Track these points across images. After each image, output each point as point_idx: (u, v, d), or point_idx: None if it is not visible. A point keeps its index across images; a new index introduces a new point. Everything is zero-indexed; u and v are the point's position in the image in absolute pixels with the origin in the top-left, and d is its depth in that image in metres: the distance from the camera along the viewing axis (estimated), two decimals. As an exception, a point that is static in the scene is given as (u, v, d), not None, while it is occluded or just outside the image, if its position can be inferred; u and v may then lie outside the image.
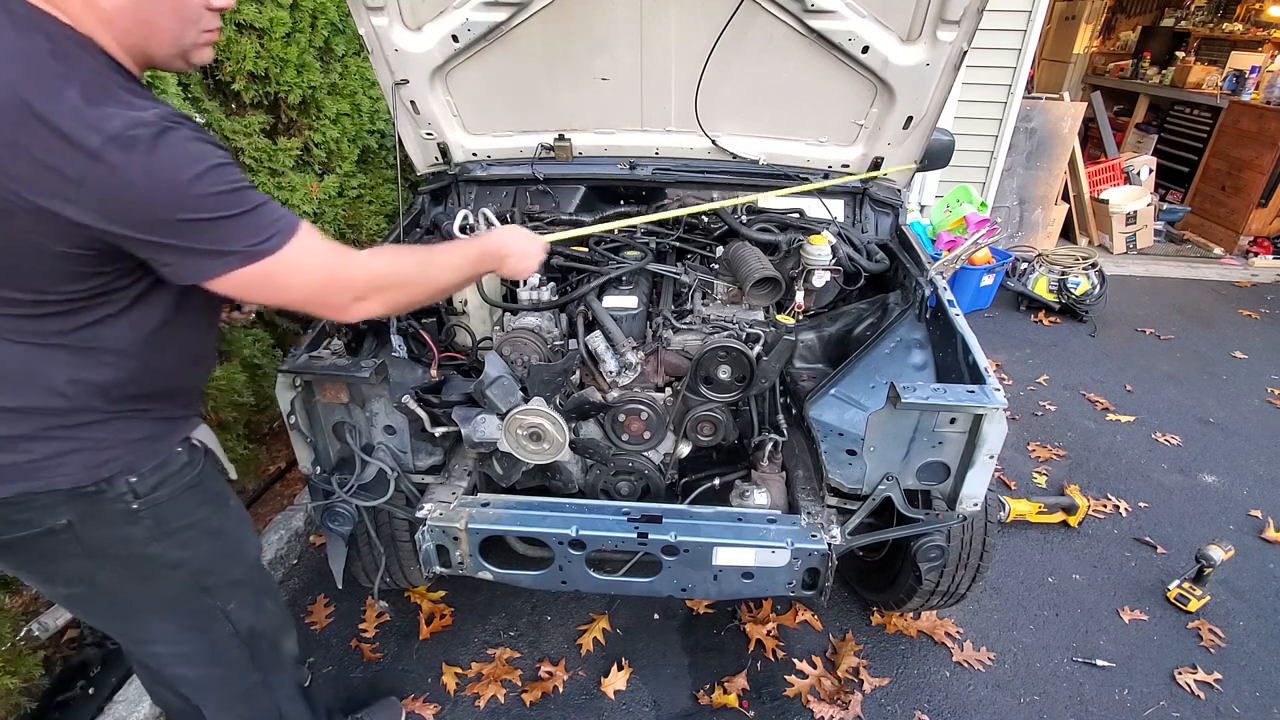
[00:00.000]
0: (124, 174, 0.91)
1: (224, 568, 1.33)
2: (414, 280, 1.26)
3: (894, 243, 2.39)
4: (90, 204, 0.92)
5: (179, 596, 1.29)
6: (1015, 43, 4.61)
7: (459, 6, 2.04)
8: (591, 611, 2.40)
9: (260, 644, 1.43)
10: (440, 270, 1.33)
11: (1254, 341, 4.48)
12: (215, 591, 1.31)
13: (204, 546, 1.28)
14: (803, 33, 2.04)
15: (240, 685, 1.44)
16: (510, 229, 1.63)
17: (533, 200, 2.47)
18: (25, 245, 0.96)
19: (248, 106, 2.66)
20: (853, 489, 1.66)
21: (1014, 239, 5.70)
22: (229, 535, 1.35)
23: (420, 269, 1.29)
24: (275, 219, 1.03)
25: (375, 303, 1.18)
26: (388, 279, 1.20)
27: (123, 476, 1.13)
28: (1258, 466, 3.27)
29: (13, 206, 0.92)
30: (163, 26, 1.02)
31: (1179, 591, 2.48)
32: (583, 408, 1.88)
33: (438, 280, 1.32)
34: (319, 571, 2.58)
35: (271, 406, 2.69)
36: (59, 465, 1.08)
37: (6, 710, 1.82)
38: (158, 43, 1.04)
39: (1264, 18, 6.93)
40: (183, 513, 1.23)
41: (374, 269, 1.17)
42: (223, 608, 1.33)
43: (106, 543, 1.17)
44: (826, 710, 2.08)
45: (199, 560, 1.28)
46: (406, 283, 1.24)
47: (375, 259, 1.19)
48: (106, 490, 1.13)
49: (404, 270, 1.25)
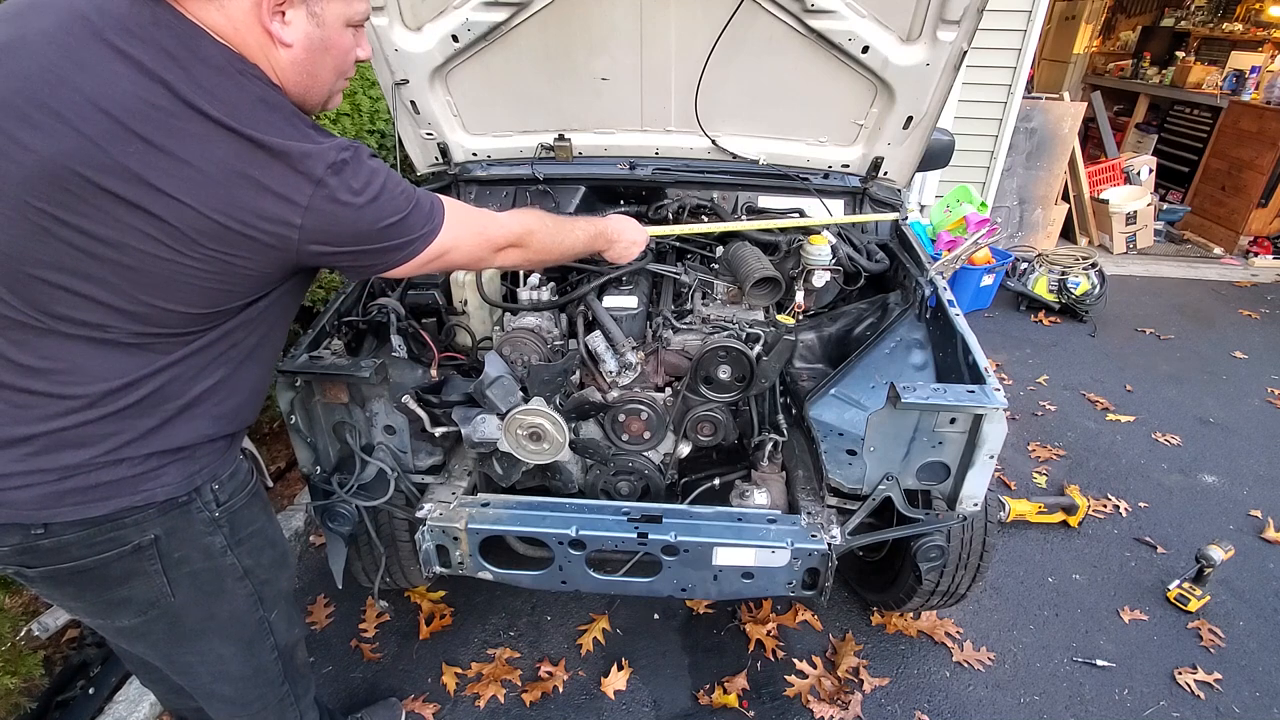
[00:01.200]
0: (342, 198, 1.01)
1: (275, 577, 1.35)
2: (544, 244, 1.44)
3: (894, 243, 2.39)
4: (312, 228, 1.01)
5: (240, 611, 1.30)
6: (1015, 43, 4.61)
7: (459, 6, 2.04)
8: (591, 611, 2.40)
9: (289, 655, 1.45)
10: (565, 236, 1.53)
11: (1254, 341, 4.48)
12: (266, 602, 1.33)
13: (265, 554, 1.31)
14: (803, 33, 2.04)
15: (273, 698, 1.45)
16: (623, 218, 1.84)
17: (533, 200, 2.47)
18: (207, 270, 1.00)
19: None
20: (853, 489, 1.66)
21: (1014, 239, 5.70)
22: (280, 543, 1.38)
23: (549, 233, 1.46)
24: (432, 202, 1.16)
25: (512, 255, 1.37)
26: (523, 237, 1.38)
27: (208, 485, 1.16)
28: (1258, 466, 3.27)
29: (231, 234, 0.97)
30: (324, 80, 1.11)
31: (1179, 591, 2.48)
32: (583, 408, 1.88)
33: (561, 245, 1.52)
34: (319, 571, 2.58)
35: (271, 406, 2.69)
36: (159, 476, 1.09)
37: (6, 710, 1.82)
38: (316, 94, 1.12)
39: (1264, 18, 6.92)
40: (249, 519, 1.26)
41: (512, 228, 1.35)
42: (268, 618, 1.35)
43: (187, 556, 1.17)
44: (826, 710, 2.08)
45: (262, 569, 1.30)
46: (538, 244, 1.42)
47: (513, 219, 1.37)
48: (195, 499, 1.14)
49: (537, 230, 1.42)
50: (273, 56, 1.02)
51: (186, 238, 0.96)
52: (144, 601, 1.18)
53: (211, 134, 0.94)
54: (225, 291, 1.04)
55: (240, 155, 0.95)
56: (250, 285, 1.06)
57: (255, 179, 0.95)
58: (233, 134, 0.94)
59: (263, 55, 1.01)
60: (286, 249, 1.01)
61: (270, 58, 1.02)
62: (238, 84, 0.97)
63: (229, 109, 0.94)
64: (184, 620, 1.24)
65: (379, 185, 1.06)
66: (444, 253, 1.19)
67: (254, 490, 1.28)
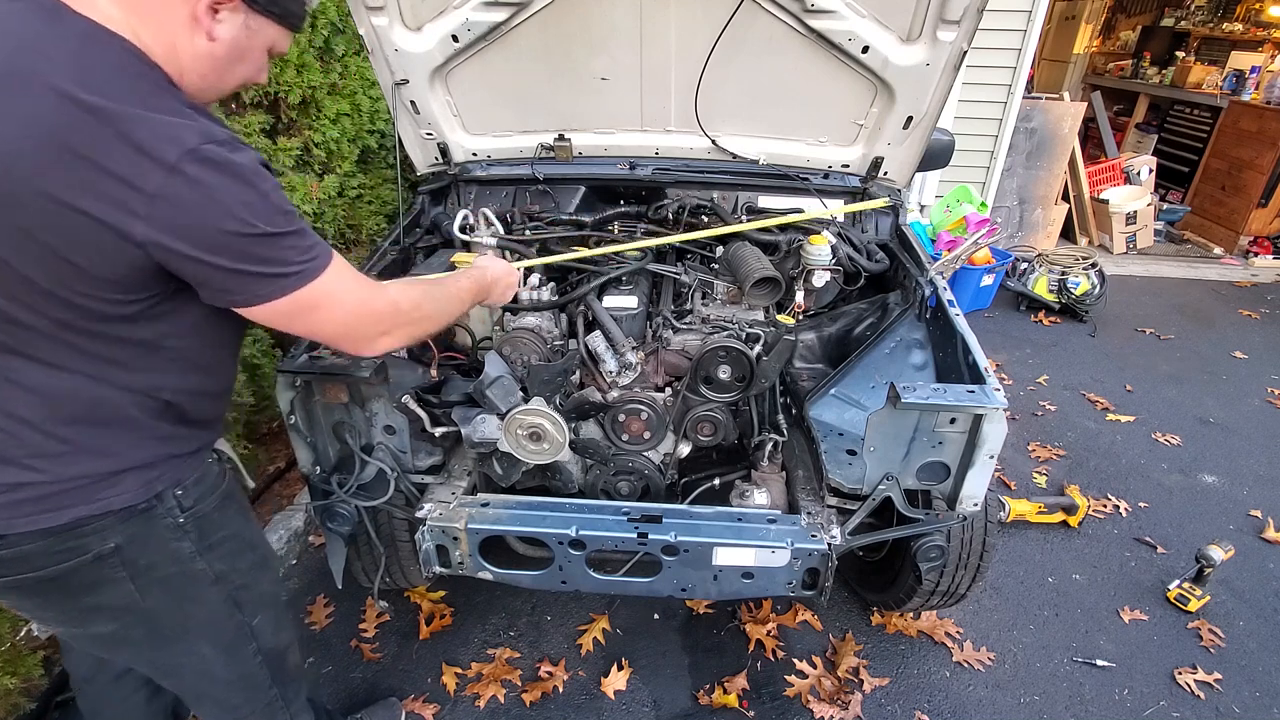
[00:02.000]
0: (201, 190, 0.90)
1: (256, 581, 1.33)
2: (431, 313, 1.31)
3: (894, 243, 2.39)
4: (159, 221, 0.90)
5: (218, 615, 1.28)
6: (1015, 43, 4.61)
7: (459, 6, 2.04)
8: (591, 611, 2.40)
9: (277, 659, 1.43)
10: (450, 303, 1.40)
11: (1254, 341, 4.48)
12: (246, 606, 1.31)
13: (242, 558, 1.29)
14: (803, 33, 2.04)
15: (260, 702, 1.44)
16: (487, 260, 1.69)
17: (533, 200, 2.47)
18: (76, 260, 0.92)
19: (248, 106, 2.66)
20: (853, 489, 1.66)
21: (1014, 239, 5.70)
22: (260, 546, 1.36)
23: (435, 303, 1.32)
24: (318, 242, 1.05)
25: (397, 336, 1.21)
26: (409, 314, 1.22)
27: (170, 490, 1.13)
28: (1258, 466, 3.27)
29: (72, 218, 0.88)
30: (228, 83, 1.09)
31: (1179, 591, 2.48)
32: (583, 408, 1.88)
33: (448, 312, 1.40)
34: (319, 571, 2.58)
35: (271, 406, 2.70)
36: (116, 485, 1.07)
37: (6, 710, 1.82)
38: (213, 91, 1.08)
39: (1264, 18, 6.93)
40: (221, 524, 1.23)
41: (399, 302, 1.20)
42: (250, 623, 1.33)
43: (154, 563, 1.15)
44: (826, 710, 2.08)
45: (238, 573, 1.28)
46: (425, 316, 1.28)
47: (402, 294, 1.22)
48: (157, 506, 1.12)
49: (423, 303, 1.28)
50: (184, 42, 0.98)
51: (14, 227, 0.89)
52: (116, 608, 1.16)
53: (47, 101, 0.86)
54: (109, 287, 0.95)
55: (77, 128, 0.86)
56: (120, 287, 0.95)
57: (92, 158, 0.86)
58: (72, 102, 0.86)
59: (166, 36, 0.96)
60: (131, 239, 0.90)
61: (180, 42, 0.98)
62: (88, 45, 0.90)
63: (77, 75, 0.86)
64: (161, 624, 1.22)
65: (258, 190, 0.95)
66: (316, 306, 1.05)
67: (226, 493, 1.25)
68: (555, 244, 2.24)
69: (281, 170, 2.76)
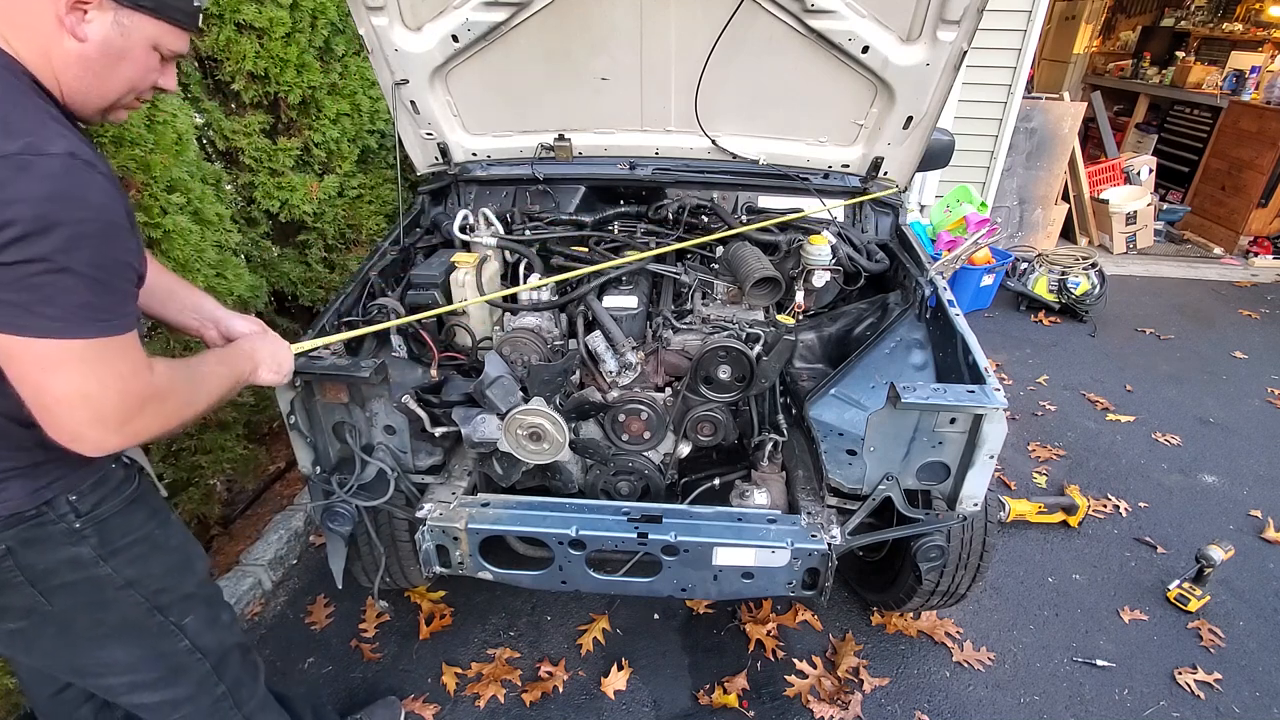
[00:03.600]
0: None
1: (175, 583, 1.30)
2: (184, 401, 1.13)
3: (894, 243, 2.40)
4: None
5: (134, 619, 1.24)
6: (1015, 43, 4.61)
7: (459, 6, 2.04)
8: (591, 611, 2.40)
9: (220, 656, 1.40)
10: (205, 385, 1.19)
11: (1254, 341, 4.48)
12: (169, 609, 1.28)
13: (154, 562, 1.26)
14: (803, 33, 2.04)
15: (206, 701, 1.40)
16: (257, 337, 1.44)
17: (533, 200, 2.47)
18: None
19: (248, 106, 2.66)
20: (853, 489, 1.66)
21: (1014, 239, 5.70)
22: (177, 549, 1.32)
23: (189, 390, 1.15)
24: (123, 300, 0.98)
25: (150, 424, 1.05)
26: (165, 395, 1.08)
27: (63, 497, 1.11)
28: (1258, 466, 3.27)
29: None
30: (112, 87, 1.05)
31: (1179, 591, 2.48)
32: (583, 408, 1.88)
33: (206, 398, 1.19)
34: (319, 571, 2.58)
35: (271, 406, 2.70)
36: (0, 491, 1.06)
37: (6, 710, 1.82)
38: (97, 97, 1.05)
39: (1264, 18, 6.92)
40: (127, 528, 1.21)
41: (158, 385, 1.06)
42: (178, 624, 1.30)
43: (53, 568, 1.13)
44: (826, 710, 2.08)
45: (151, 577, 1.25)
46: (174, 405, 1.10)
47: (161, 376, 1.07)
48: (48, 512, 1.10)
49: (176, 392, 1.11)
50: (55, 46, 0.97)
51: None
52: (21, 609, 1.15)
53: None
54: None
55: None
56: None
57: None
58: None
59: (38, 42, 0.95)
60: None
61: (51, 47, 0.97)
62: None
63: None
64: (73, 627, 1.20)
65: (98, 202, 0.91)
66: (63, 366, 0.93)
67: (133, 498, 1.21)
68: (555, 244, 2.24)
69: (282, 170, 2.76)
